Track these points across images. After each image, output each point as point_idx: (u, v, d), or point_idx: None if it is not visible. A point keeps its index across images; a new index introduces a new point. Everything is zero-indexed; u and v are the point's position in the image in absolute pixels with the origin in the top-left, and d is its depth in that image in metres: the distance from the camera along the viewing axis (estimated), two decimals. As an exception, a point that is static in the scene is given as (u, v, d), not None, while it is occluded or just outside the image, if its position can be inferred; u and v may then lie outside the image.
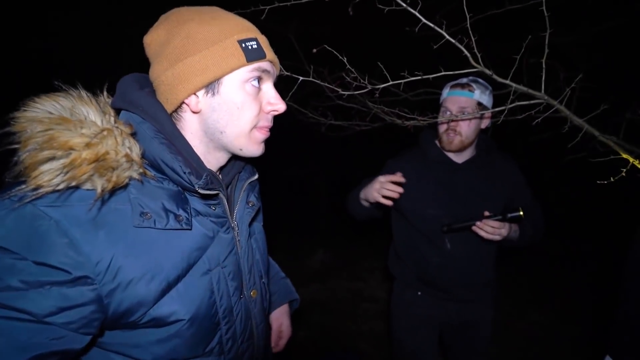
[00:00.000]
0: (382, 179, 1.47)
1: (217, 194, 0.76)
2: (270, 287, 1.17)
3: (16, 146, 0.60)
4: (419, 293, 1.76)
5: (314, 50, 1.46)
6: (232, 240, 0.80)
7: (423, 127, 1.96)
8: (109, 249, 0.61)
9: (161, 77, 0.72)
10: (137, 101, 0.71)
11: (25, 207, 0.57)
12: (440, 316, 1.75)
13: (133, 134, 0.69)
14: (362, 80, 1.67)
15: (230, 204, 0.84)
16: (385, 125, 2.26)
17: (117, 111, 0.74)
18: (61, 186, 0.59)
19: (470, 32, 1.56)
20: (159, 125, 0.71)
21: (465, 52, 1.59)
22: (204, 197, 0.75)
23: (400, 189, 1.44)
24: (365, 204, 1.60)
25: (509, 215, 1.51)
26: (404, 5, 1.53)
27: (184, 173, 0.68)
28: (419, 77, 1.69)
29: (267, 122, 0.77)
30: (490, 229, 1.48)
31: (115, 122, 0.67)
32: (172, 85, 0.71)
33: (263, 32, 1.65)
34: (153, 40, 0.74)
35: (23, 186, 0.58)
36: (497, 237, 1.51)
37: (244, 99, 0.72)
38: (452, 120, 1.58)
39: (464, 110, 1.56)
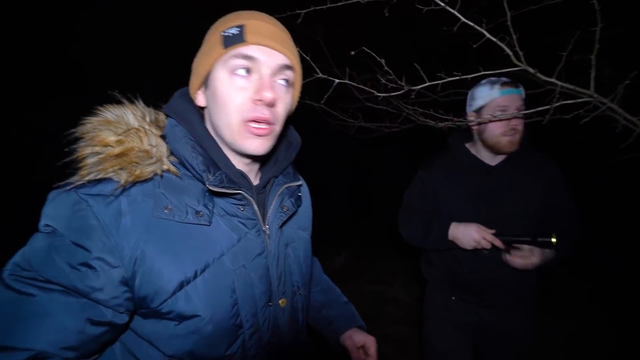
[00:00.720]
0: (478, 235, 1.47)
1: (239, 194, 0.76)
2: (331, 311, 1.15)
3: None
4: (453, 298, 1.71)
5: (352, 53, 1.44)
6: (261, 244, 0.80)
7: (455, 129, 1.92)
8: (132, 234, 0.67)
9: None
10: (176, 107, 0.79)
11: (71, 193, 0.66)
12: (475, 322, 1.68)
13: (162, 136, 0.76)
14: (398, 82, 1.64)
15: (264, 207, 0.84)
16: (415, 126, 2.23)
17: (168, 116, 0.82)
18: (98, 176, 0.67)
19: (511, 29, 1.52)
20: (190, 127, 0.77)
21: (507, 50, 1.55)
22: (228, 195, 0.76)
23: (498, 242, 1.44)
24: (445, 240, 1.58)
25: (540, 239, 1.43)
26: (442, 4, 1.49)
27: (199, 169, 0.72)
28: (458, 78, 1.66)
29: (257, 113, 0.71)
30: (520, 261, 1.45)
31: (148, 124, 0.75)
32: (189, 83, 0.81)
33: (293, 35, 1.65)
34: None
35: (75, 177, 0.68)
36: (530, 267, 1.46)
37: (227, 89, 0.72)
38: (513, 118, 1.54)
39: (520, 108, 1.52)
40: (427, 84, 1.65)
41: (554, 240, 1.41)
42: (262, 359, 0.81)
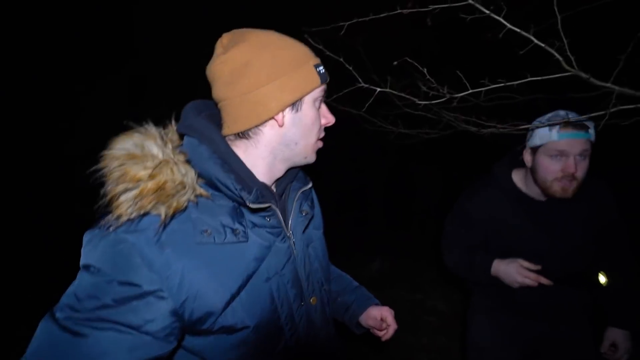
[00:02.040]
0: (520, 276, 1.39)
1: (269, 206, 0.81)
2: (346, 297, 1.22)
3: (103, 180, 0.71)
4: (501, 312, 1.65)
5: (395, 63, 1.47)
6: (288, 249, 0.85)
7: (499, 136, 1.88)
8: (176, 264, 0.70)
9: (246, 96, 0.78)
10: (195, 126, 0.81)
11: (111, 234, 0.68)
12: (526, 338, 1.61)
13: (188, 161, 0.77)
14: (440, 90, 1.65)
15: (284, 213, 0.89)
16: (456, 133, 2.21)
17: (182, 135, 0.84)
18: (134, 214, 0.69)
19: (562, 33, 1.48)
20: (214, 146, 0.79)
21: (558, 56, 1.51)
22: (258, 209, 0.80)
23: (544, 281, 1.37)
24: (489, 277, 1.51)
25: (587, 277, 1.48)
26: (487, 12, 1.49)
27: (236, 189, 0.75)
28: (502, 85, 1.64)
29: (323, 133, 0.89)
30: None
31: (172, 152, 0.76)
32: (262, 102, 0.78)
33: (333, 45, 1.69)
34: (231, 60, 0.78)
35: (109, 216, 0.69)
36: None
37: (315, 115, 0.84)
38: (573, 164, 1.39)
39: (585, 154, 1.39)
40: (470, 91, 1.64)
41: (603, 281, 1.44)
42: (301, 355, 0.88)
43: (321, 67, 0.84)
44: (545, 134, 1.38)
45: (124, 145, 0.73)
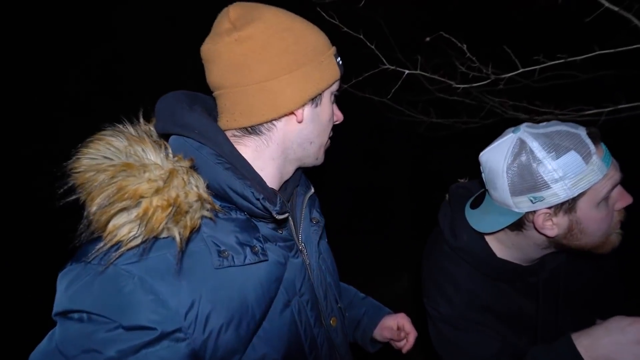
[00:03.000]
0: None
1: (287, 217, 0.75)
2: (354, 311, 1.16)
3: (79, 199, 0.59)
4: None
5: (427, 39, 1.27)
6: (302, 265, 0.79)
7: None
8: (194, 297, 0.61)
9: (264, 84, 0.70)
10: (192, 124, 0.70)
11: (109, 268, 0.57)
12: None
13: (194, 168, 0.67)
14: (483, 70, 1.43)
15: (294, 222, 0.83)
16: (502, 121, 1.98)
17: (163, 135, 0.72)
18: (138, 240, 0.58)
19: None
20: (219, 148, 0.69)
21: (636, 20, 1.26)
22: (278, 222, 0.73)
23: None
24: None
25: None
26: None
27: (257, 200, 0.66)
28: (563, 60, 1.40)
29: (332, 132, 0.84)
30: None
31: (175, 158, 0.65)
32: (283, 93, 0.71)
33: (349, 19, 1.51)
34: (247, 40, 0.69)
35: (100, 244, 0.58)
36: None
37: (331, 111, 0.80)
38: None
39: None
40: (521, 70, 1.41)
41: None
42: None
43: (339, 58, 0.79)
44: (583, 173, 0.86)
45: (102, 152, 0.61)
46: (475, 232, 1.05)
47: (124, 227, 0.57)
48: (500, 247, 1.04)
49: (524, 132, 0.90)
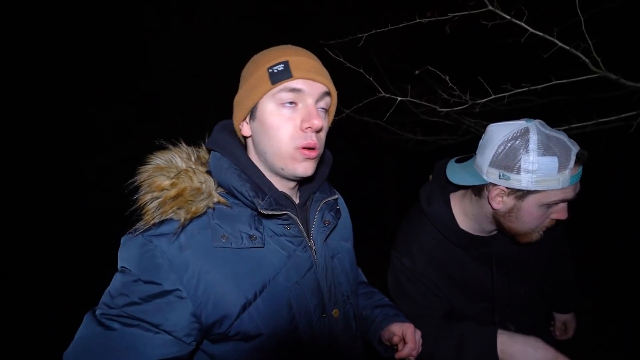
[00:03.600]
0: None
1: (285, 214, 0.83)
2: (372, 311, 1.14)
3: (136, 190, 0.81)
4: None
5: (417, 72, 1.48)
6: (309, 259, 0.86)
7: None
8: (194, 266, 0.74)
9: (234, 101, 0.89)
10: (218, 141, 0.87)
11: (138, 237, 0.75)
12: None
13: (208, 172, 0.84)
14: (463, 97, 1.66)
15: (307, 223, 0.91)
16: (475, 138, 2.21)
17: (210, 150, 0.90)
18: (161, 218, 0.76)
19: (586, 34, 1.49)
20: (234, 158, 0.84)
21: (583, 57, 1.52)
22: (275, 217, 0.83)
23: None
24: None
25: None
26: (509, 17, 1.51)
27: (249, 196, 0.79)
28: (527, 89, 1.65)
29: (306, 139, 0.79)
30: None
31: (194, 164, 0.84)
32: (233, 112, 0.88)
33: (346, 56, 1.70)
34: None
35: (140, 222, 0.78)
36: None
37: (276, 120, 0.80)
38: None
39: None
40: (493, 96, 1.65)
41: None
42: None
43: (279, 66, 0.79)
44: (549, 177, 0.95)
45: (156, 160, 0.82)
46: (444, 203, 1.19)
47: (151, 211, 0.77)
48: (463, 219, 1.17)
49: (534, 125, 0.98)
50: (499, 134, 1.01)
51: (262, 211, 0.79)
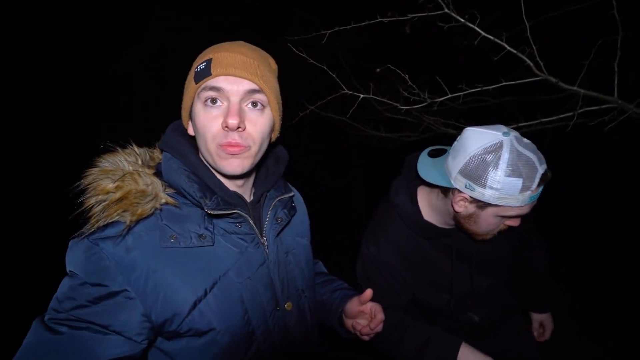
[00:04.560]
0: None
1: (235, 213, 0.83)
2: (331, 295, 1.14)
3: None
4: None
5: (377, 70, 1.51)
6: (262, 255, 0.87)
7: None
8: (142, 267, 0.74)
9: None
10: (169, 142, 0.87)
11: (84, 240, 0.74)
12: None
13: (157, 173, 0.83)
14: (421, 95, 1.71)
15: (260, 220, 0.91)
16: (436, 135, 2.29)
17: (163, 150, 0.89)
18: (106, 221, 0.74)
19: (531, 40, 1.58)
20: (185, 159, 0.84)
21: (528, 61, 1.60)
22: (225, 216, 0.83)
23: None
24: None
25: None
26: (463, 20, 1.56)
27: (196, 196, 0.80)
28: (479, 89, 1.72)
29: (228, 138, 0.77)
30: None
31: (141, 166, 0.83)
32: (182, 118, 0.88)
33: (310, 52, 1.69)
34: None
35: (87, 225, 0.76)
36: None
37: (203, 119, 0.79)
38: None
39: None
40: (449, 96, 1.71)
41: None
42: None
43: (202, 64, 0.79)
44: (510, 196, 0.99)
45: (102, 163, 0.80)
46: (410, 195, 1.22)
47: (96, 214, 0.75)
48: (428, 211, 1.21)
49: (509, 141, 0.97)
50: (473, 143, 1.00)
51: (209, 211, 0.79)
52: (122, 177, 0.77)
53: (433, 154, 1.17)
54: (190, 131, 0.85)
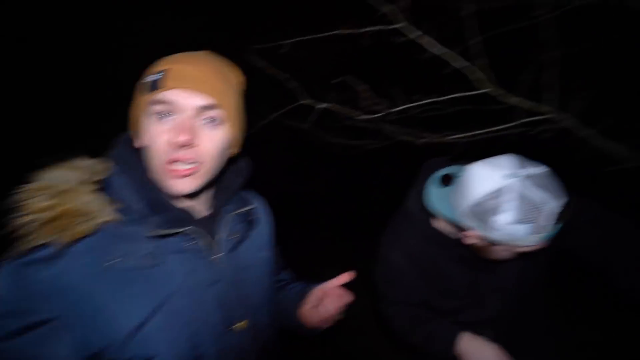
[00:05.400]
0: None
1: (181, 232, 0.77)
2: (284, 301, 1.10)
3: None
4: None
5: (336, 80, 1.53)
6: (213, 273, 0.82)
7: (434, 145, 2.03)
8: (77, 291, 0.67)
9: None
10: (119, 155, 0.80)
11: (12, 263, 0.67)
12: None
13: (101, 188, 0.75)
14: (380, 105, 1.75)
15: (215, 236, 0.85)
16: (396, 143, 2.34)
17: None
18: (34, 244, 0.66)
19: (469, 54, 1.66)
20: (133, 174, 0.77)
21: (480, 73, 1.69)
22: (173, 235, 0.77)
23: None
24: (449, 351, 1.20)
25: None
26: (412, 37, 1.62)
27: (142, 214, 0.74)
28: (432, 100, 1.79)
29: (175, 154, 0.71)
30: None
31: (82, 182, 0.74)
32: (131, 129, 0.82)
33: (276, 60, 1.68)
34: None
35: (17, 246, 0.68)
36: None
37: (150, 134, 0.73)
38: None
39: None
40: (404, 106, 1.78)
41: None
42: None
43: (155, 76, 0.73)
44: (521, 239, 0.95)
45: (39, 177, 0.72)
46: (423, 205, 1.18)
47: (28, 234, 0.67)
48: (444, 224, 1.19)
49: (511, 185, 0.91)
50: (475, 187, 0.97)
51: (151, 232, 0.73)
52: (59, 194, 0.70)
53: (445, 181, 1.15)
54: (138, 143, 0.78)
